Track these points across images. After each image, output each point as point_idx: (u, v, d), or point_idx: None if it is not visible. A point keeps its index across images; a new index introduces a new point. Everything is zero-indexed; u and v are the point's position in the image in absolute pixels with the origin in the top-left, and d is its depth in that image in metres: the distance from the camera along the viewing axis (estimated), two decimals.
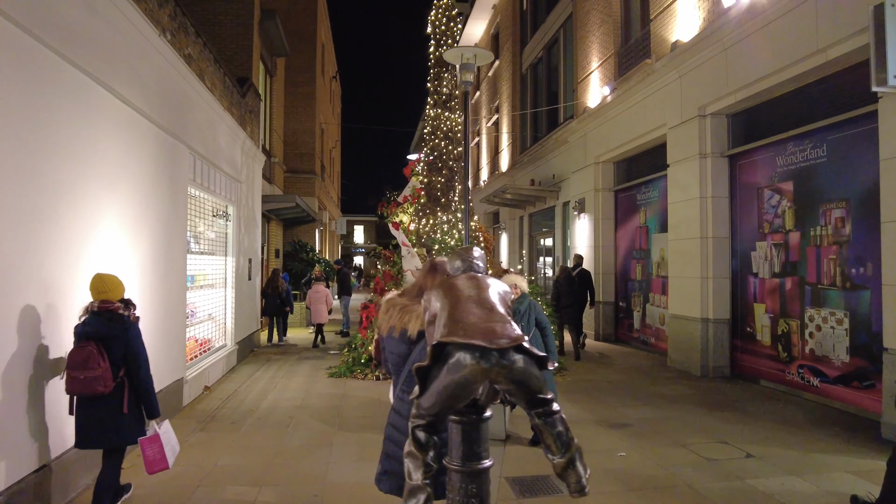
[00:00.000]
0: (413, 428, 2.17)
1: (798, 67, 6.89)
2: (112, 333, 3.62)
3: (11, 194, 3.45)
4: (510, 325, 2.12)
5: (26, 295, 3.62)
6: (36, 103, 3.71)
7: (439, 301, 2.31)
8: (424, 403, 2.12)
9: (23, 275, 3.57)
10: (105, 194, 4.69)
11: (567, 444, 2.12)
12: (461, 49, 7.61)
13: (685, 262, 9.14)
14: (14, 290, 3.49)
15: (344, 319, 13.75)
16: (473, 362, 1.98)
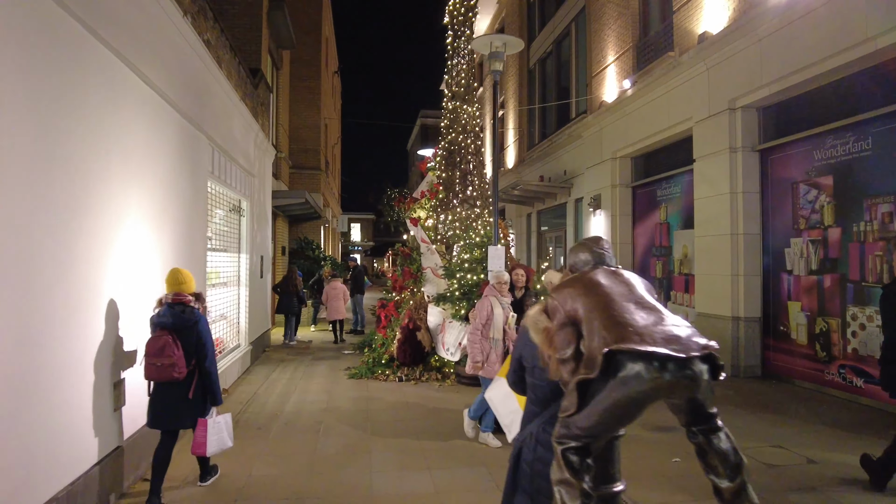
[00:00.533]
0: (563, 451, 1.87)
1: (842, 57, 6.65)
2: (184, 324, 3.98)
3: (42, 182, 3.13)
4: (691, 328, 1.84)
5: (56, 291, 3.29)
6: (66, 80, 3.38)
7: (580, 301, 2.01)
8: (582, 422, 1.83)
9: (52, 268, 3.24)
10: (131, 186, 4.36)
11: (737, 466, 1.83)
12: (490, 37, 7.33)
13: (713, 259, 8.90)
14: (43, 286, 3.17)
15: (357, 317, 13.42)
16: (655, 375, 1.69)
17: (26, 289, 3.01)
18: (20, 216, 2.95)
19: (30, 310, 3.04)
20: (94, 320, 3.76)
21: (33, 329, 3.07)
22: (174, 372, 3.88)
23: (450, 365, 8.31)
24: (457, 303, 7.95)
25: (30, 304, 3.04)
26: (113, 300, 4.01)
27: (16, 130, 2.89)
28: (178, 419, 4.05)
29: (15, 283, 2.91)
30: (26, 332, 3.02)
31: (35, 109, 3.06)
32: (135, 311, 4.41)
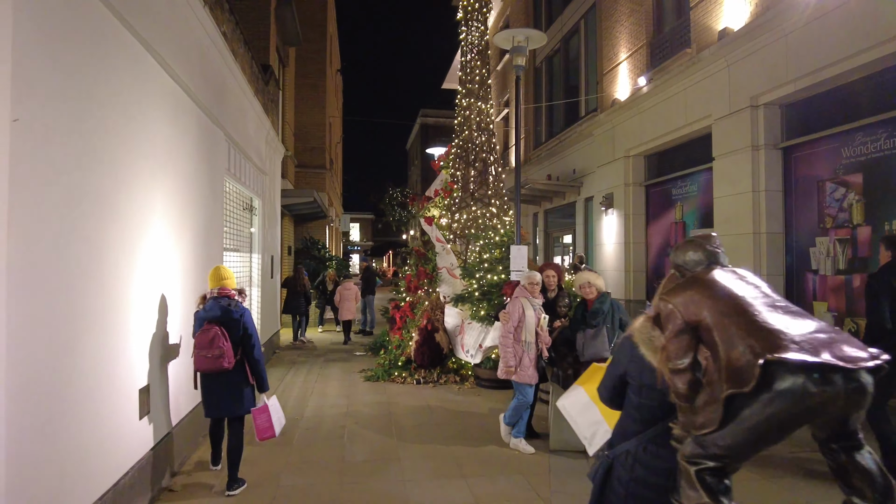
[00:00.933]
0: (698, 471, 1.69)
1: (876, 52, 6.50)
2: (230, 317, 4.20)
3: (75, 183, 2.93)
4: (842, 333, 1.66)
5: (86, 296, 3.10)
6: (96, 70, 3.19)
7: (706, 305, 1.81)
8: (723, 441, 1.64)
9: (82, 273, 3.05)
10: (155, 185, 4.16)
11: (887, 489, 1.64)
12: (511, 31, 7.16)
13: (735, 258, 8.67)
14: (75, 291, 2.97)
15: (367, 318, 13.23)
16: (822, 388, 1.51)
17: (60, 293, 2.82)
18: (55, 219, 2.76)
19: (63, 315, 2.85)
20: (121, 326, 3.56)
21: (66, 335, 2.88)
22: (224, 362, 4.09)
23: (467, 367, 8.14)
24: (476, 303, 7.77)
25: (63, 309, 2.85)
26: (140, 305, 3.82)
27: (51, 125, 2.70)
28: (239, 406, 4.27)
29: (50, 288, 2.72)
30: (60, 338, 2.82)
31: (68, 102, 2.87)
32: (158, 315, 4.21)
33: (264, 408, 4.32)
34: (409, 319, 8.78)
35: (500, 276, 7.66)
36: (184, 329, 4.87)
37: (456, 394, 7.39)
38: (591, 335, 5.08)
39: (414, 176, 47.31)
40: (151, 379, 4.04)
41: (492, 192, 9.75)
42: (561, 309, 5.44)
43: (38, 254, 2.62)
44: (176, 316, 4.63)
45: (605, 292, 5.27)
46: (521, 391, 5.19)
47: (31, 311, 2.58)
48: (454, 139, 10.26)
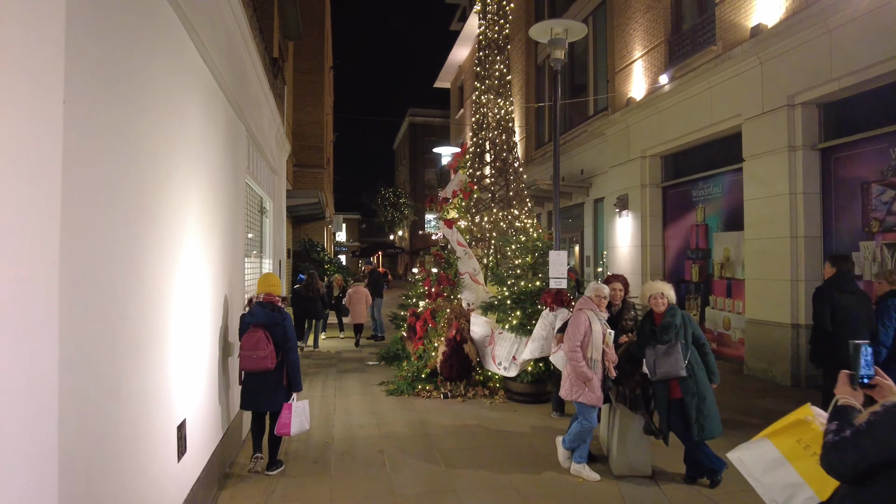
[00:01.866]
0: None
1: None
2: (274, 321, 4.63)
3: (116, 184, 2.39)
4: None
5: (132, 320, 2.56)
6: (140, 46, 2.65)
7: None
8: None
9: (125, 290, 2.51)
10: (190, 182, 3.61)
11: None
12: (549, 22, 6.71)
13: (769, 263, 8.42)
14: (118, 313, 2.43)
15: (376, 324, 12.68)
16: None
17: (106, 321, 2.28)
18: (101, 225, 2.22)
19: (109, 349, 2.31)
20: (162, 355, 3.02)
21: (110, 372, 2.34)
22: (268, 363, 4.52)
23: (495, 378, 7.67)
24: (508, 312, 7.30)
25: (108, 342, 2.31)
26: (178, 328, 3.27)
27: (93, 116, 2.16)
28: (273, 403, 4.71)
29: (97, 313, 2.18)
30: (106, 376, 2.28)
31: (112, 84, 2.32)
32: (195, 339, 3.66)
33: (288, 406, 4.71)
34: (430, 328, 8.28)
35: (536, 284, 7.20)
36: (215, 352, 4.33)
37: (489, 409, 6.91)
38: (662, 352, 4.64)
39: (402, 176, 46.71)
40: (187, 411, 3.50)
41: (512, 193, 9.30)
42: (627, 323, 4.99)
43: (88, 267, 2.09)
44: (207, 336, 4.08)
45: (674, 304, 4.84)
46: (586, 414, 4.73)
47: (81, 343, 2.04)
48: (471, 137, 9.78)
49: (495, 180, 9.27)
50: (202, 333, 3.92)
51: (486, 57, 9.65)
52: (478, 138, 9.56)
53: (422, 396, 7.46)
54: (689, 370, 4.59)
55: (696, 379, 4.59)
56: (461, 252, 8.62)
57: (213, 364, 4.34)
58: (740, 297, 9.44)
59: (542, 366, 7.04)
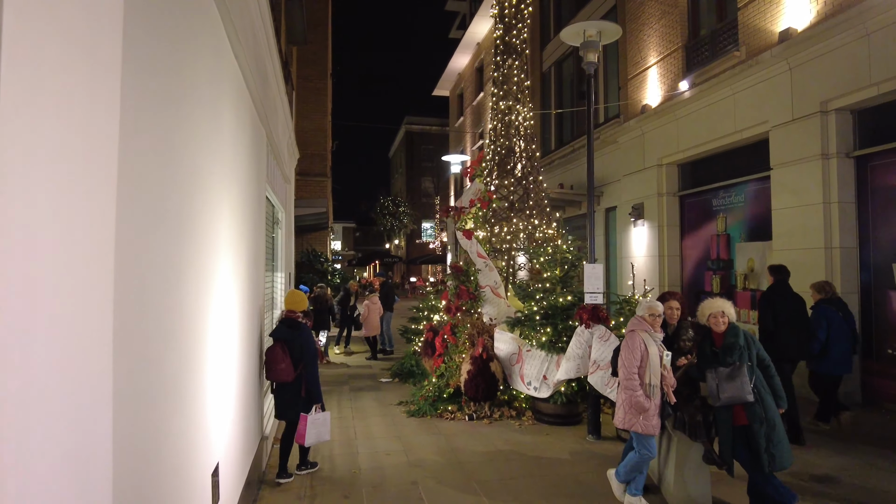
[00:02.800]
0: None
1: None
2: (292, 337, 4.92)
3: (160, 197, 2.01)
4: None
5: (172, 359, 2.16)
6: (184, 40, 2.27)
7: None
8: None
9: (168, 322, 2.11)
10: (222, 192, 3.23)
11: None
12: (582, 24, 6.40)
13: (801, 274, 8.08)
14: (159, 349, 2.04)
15: (386, 337, 12.24)
16: None
17: (150, 359, 1.88)
18: (154, 245, 1.83)
19: (154, 389, 1.92)
20: (199, 392, 2.63)
21: (156, 416, 1.94)
22: (284, 375, 4.84)
23: (521, 398, 7.28)
24: (538, 328, 6.93)
25: (153, 380, 1.92)
26: (214, 360, 2.88)
27: (142, 121, 1.79)
28: (294, 413, 4.98)
29: (140, 350, 1.79)
30: (152, 422, 1.89)
31: (158, 78, 1.94)
32: (230, 371, 3.27)
33: (304, 417, 4.89)
34: (450, 345, 7.89)
35: (567, 299, 6.84)
36: (244, 381, 3.93)
37: (519, 433, 6.52)
38: (726, 375, 4.29)
39: (398, 184, 46.34)
40: (220, 452, 3.09)
41: (533, 203, 8.96)
42: (685, 344, 4.63)
43: (139, 293, 1.70)
44: (237, 364, 3.68)
45: (735, 323, 4.50)
46: (644, 444, 4.36)
47: (132, 378, 1.65)
48: (488, 145, 9.45)
49: (514, 189, 8.93)
50: (233, 363, 3.53)
51: (504, 62, 9.34)
52: (496, 146, 9.22)
53: (445, 418, 7.06)
54: (756, 395, 4.25)
55: (763, 404, 4.24)
56: (481, 264, 8.25)
57: (243, 395, 3.94)
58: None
59: (574, 385, 6.67)
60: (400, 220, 35.94)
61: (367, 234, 51.86)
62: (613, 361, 4.66)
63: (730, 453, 4.35)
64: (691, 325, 4.79)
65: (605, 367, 5.95)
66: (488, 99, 9.58)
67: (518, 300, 8.36)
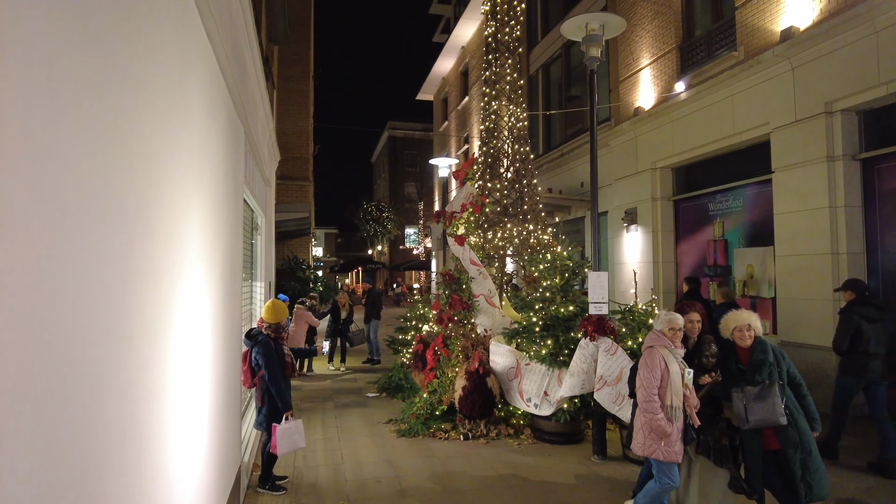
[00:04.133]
0: None
1: None
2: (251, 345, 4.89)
3: (101, 207, 1.52)
4: None
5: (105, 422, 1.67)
6: (133, 20, 1.79)
7: None
8: None
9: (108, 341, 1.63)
10: (192, 190, 2.74)
11: None
12: (585, 17, 6.03)
13: (806, 281, 7.83)
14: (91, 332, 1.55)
15: (372, 347, 11.72)
16: None
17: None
18: (79, 250, 1.35)
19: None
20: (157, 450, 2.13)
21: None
22: (244, 381, 4.88)
23: (518, 415, 6.84)
24: (538, 340, 6.50)
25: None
26: (178, 409, 2.38)
27: (79, 111, 1.31)
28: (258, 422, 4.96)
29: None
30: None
31: (100, 54, 1.47)
32: (200, 419, 2.77)
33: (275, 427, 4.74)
34: (443, 358, 7.42)
35: (569, 309, 6.43)
36: (216, 427, 3.42)
37: (519, 453, 6.07)
38: (754, 395, 3.90)
39: (381, 189, 45.79)
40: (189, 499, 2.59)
41: (527, 207, 8.56)
42: (708, 360, 4.23)
43: (49, 304, 1.21)
44: (208, 413, 3.18)
45: (762, 338, 4.11)
46: (666, 472, 3.95)
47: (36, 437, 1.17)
48: (480, 147, 9.03)
49: (508, 193, 8.52)
50: (206, 389, 3.02)
51: (496, 60, 8.95)
52: (488, 147, 8.81)
53: (438, 438, 6.58)
54: (789, 417, 3.86)
55: (797, 427, 3.86)
56: (475, 272, 7.82)
57: (216, 425, 3.43)
58: (766, 316, 8.83)
59: (577, 402, 6.25)
60: (383, 226, 35.37)
61: (350, 240, 51.25)
62: (631, 382, 4.24)
63: (760, 481, 3.96)
64: (712, 339, 4.39)
65: (612, 383, 5.54)
66: (479, 100, 9.21)
67: (513, 310, 7.94)
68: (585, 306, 6.18)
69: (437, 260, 26.89)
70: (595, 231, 6.35)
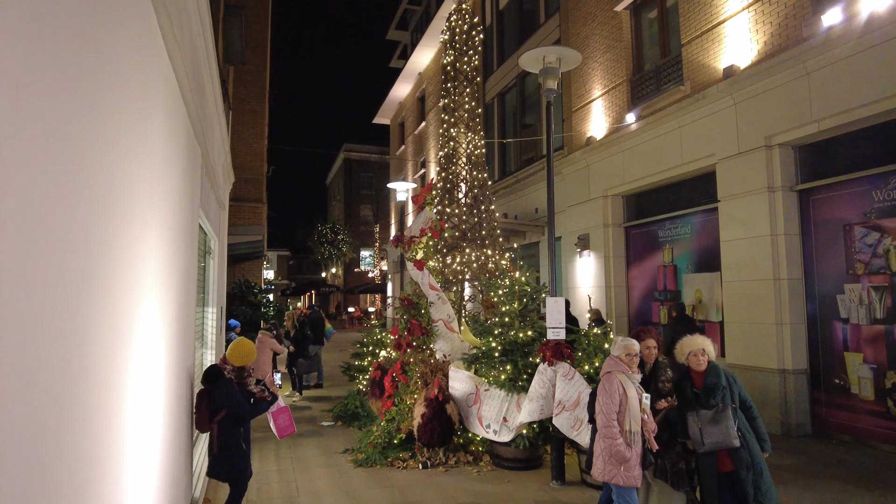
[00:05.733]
0: None
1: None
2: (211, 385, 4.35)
3: (55, 235, 1.46)
4: None
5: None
6: (102, 23, 1.74)
7: None
8: None
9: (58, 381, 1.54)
10: (151, 215, 2.65)
11: None
12: (541, 50, 6.22)
13: (751, 306, 8.18)
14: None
15: (319, 371, 11.51)
16: None
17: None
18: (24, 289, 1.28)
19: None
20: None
21: None
22: (197, 424, 4.39)
23: (477, 441, 6.81)
24: (497, 365, 6.52)
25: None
26: (134, 455, 2.26)
27: (44, 141, 1.26)
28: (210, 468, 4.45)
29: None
30: None
31: (63, 107, 1.42)
32: (150, 467, 2.64)
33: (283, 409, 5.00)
34: (401, 385, 7.34)
35: (528, 334, 6.49)
36: (172, 449, 3.26)
37: (479, 481, 6.03)
38: (709, 418, 4.03)
39: (336, 211, 45.37)
40: None
41: (485, 232, 8.66)
42: (664, 385, 4.34)
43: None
44: (160, 439, 3.03)
45: (715, 363, 4.26)
46: (626, 497, 3.99)
47: None
48: (439, 172, 9.11)
49: (466, 218, 8.60)
50: (158, 429, 2.88)
51: (454, 88, 9.10)
52: (446, 173, 8.90)
53: (397, 467, 6.46)
54: (741, 439, 4.00)
55: (749, 449, 4.00)
56: (434, 297, 7.81)
57: (164, 475, 3.26)
58: (715, 340, 9.13)
59: (535, 427, 6.27)
60: (338, 249, 34.98)
61: (303, 263, 50.37)
62: (590, 408, 4.30)
63: (716, 503, 4.06)
64: (667, 364, 4.52)
65: (570, 408, 5.60)
66: (436, 126, 9.32)
67: (472, 335, 7.95)
68: (543, 331, 6.25)
69: (393, 283, 26.75)
70: (552, 256, 6.46)
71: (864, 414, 7.09)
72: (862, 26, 6.60)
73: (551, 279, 6.36)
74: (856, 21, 6.69)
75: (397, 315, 8.24)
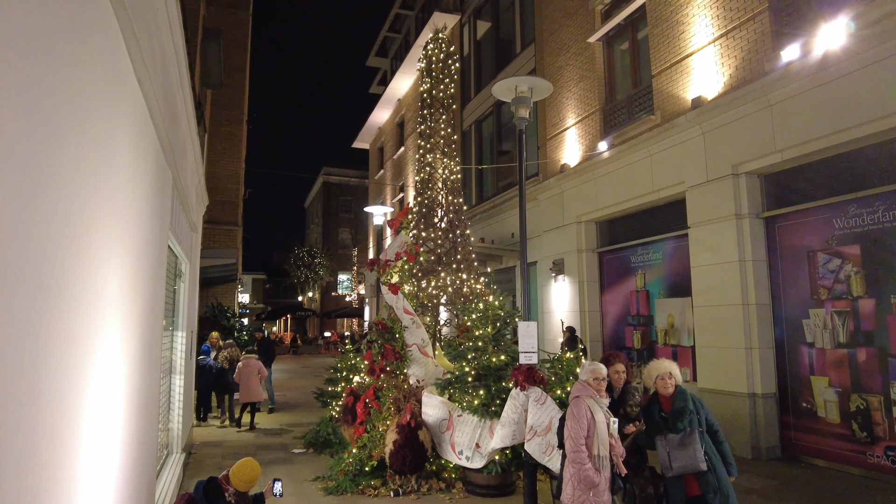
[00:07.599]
0: None
1: (873, 126, 6.49)
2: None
3: (16, 254, 1.45)
4: None
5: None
6: (69, 43, 1.75)
7: None
8: None
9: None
10: (114, 244, 2.62)
11: None
12: (513, 80, 6.37)
13: (721, 330, 8.32)
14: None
15: (270, 394, 11.52)
16: None
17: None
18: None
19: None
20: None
21: None
22: None
23: (450, 468, 6.73)
24: (470, 390, 6.50)
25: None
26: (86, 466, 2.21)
27: (8, 163, 1.26)
28: None
29: None
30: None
31: (23, 130, 1.42)
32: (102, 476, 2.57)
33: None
34: (374, 411, 7.25)
35: (501, 358, 6.49)
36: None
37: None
38: (677, 442, 4.07)
39: (314, 234, 45.15)
40: None
41: (461, 257, 8.71)
42: (632, 409, 4.38)
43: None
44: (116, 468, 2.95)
45: (682, 387, 4.32)
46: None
47: None
48: (415, 197, 9.18)
49: (442, 242, 8.65)
50: (110, 479, 2.80)
51: (431, 115, 9.23)
52: (423, 198, 8.96)
53: (368, 495, 6.35)
54: (708, 463, 4.04)
55: (716, 473, 4.04)
56: (408, 321, 7.79)
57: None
58: (687, 364, 9.28)
59: (508, 453, 6.24)
60: (315, 272, 34.73)
61: (279, 287, 49.85)
62: (560, 433, 4.30)
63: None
64: (636, 388, 4.57)
65: (542, 433, 5.58)
66: (414, 152, 9.43)
67: (446, 359, 7.93)
68: (517, 355, 6.27)
69: (371, 307, 26.58)
70: (525, 281, 6.51)
71: (830, 437, 7.21)
72: (818, 62, 6.91)
73: (524, 303, 6.39)
74: (811, 57, 7.00)
75: (370, 338, 8.19)
